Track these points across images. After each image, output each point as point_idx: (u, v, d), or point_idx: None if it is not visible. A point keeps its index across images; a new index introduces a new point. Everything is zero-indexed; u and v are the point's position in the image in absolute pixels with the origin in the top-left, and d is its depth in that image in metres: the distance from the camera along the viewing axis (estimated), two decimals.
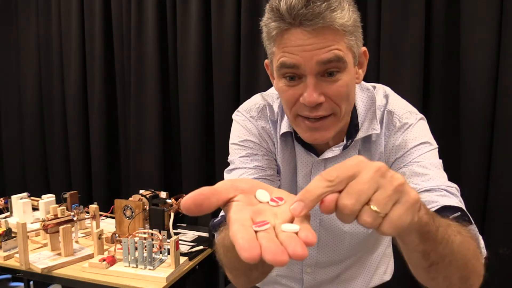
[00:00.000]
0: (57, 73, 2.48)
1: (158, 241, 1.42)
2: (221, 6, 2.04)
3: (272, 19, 0.76)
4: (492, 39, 1.62)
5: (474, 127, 1.68)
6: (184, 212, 0.44)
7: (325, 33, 0.73)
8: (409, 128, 0.86)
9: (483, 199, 1.70)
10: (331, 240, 0.98)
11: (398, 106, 0.89)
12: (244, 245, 0.37)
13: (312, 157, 0.92)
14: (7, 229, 1.58)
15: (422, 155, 0.83)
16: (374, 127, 0.88)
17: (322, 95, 0.76)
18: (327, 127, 0.79)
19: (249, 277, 0.77)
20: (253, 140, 0.92)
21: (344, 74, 0.76)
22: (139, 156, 2.29)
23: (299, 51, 0.74)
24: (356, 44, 0.78)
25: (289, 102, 0.80)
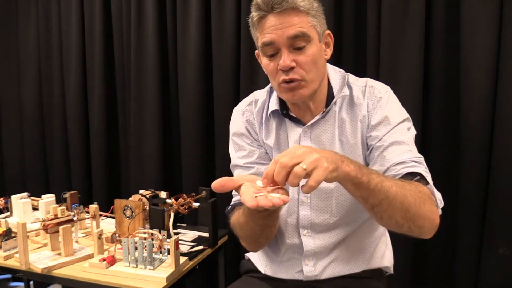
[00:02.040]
0: (57, 73, 2.48)
1: (158, 241, 1.42)
2: (221, 6, 2.04)
3: (254, 10, 1.03)
4: (492, 39, 1.62)
5: (474, 127, 1.67)
6: (213, 190, 0.79)
7: (291, 13, 0.99)
8: (388, 103, 1.09)
9: (483, 199, 1.70)
10: (321, 201, 1.14)
11: (376, 83, 1.14)
12: (249, 201, 0.74)
13: (300, 127, 1.14)
14: (7, 229, 1.58)
15: (401, 133, 1.05)
16: (343, 91, 1.12)
17: (293, 61, 1.01)
18: (301, 87, 1.03)
19: (258, 242, 1.14)
20: (241, 132, 1.21)
21: (310, 46, 1.01)
22: (139, 156, 2.29)
23: (273, 30, 1.00)
24: (319, 25, 1.03)
25: (272, 72, 1.05)
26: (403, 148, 1.02)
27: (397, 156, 1.01)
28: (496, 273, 1.69)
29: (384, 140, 1.05)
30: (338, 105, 1.12)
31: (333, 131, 1.12)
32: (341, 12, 1.86)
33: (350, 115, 1.11)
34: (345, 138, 1.11)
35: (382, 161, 1.03)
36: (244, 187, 0.79)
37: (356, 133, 1.10)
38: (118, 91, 2.38)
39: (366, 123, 1.10)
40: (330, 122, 1.12)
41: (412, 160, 1.00)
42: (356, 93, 1.12)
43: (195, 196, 1.71)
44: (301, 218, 1.15)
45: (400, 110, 1.11)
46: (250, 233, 1.08)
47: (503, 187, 1.65)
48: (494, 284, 1.70)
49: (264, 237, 1.11)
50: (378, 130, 1.07)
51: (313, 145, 1.11)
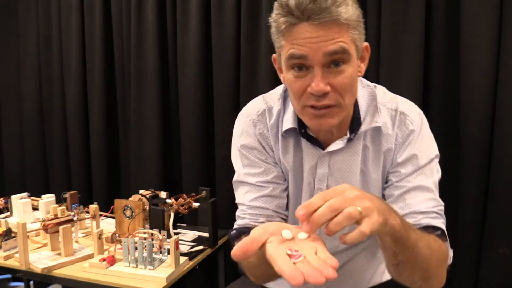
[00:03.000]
0: (57, 73, 2.48)
1: (158, 241, 1.42)
2: (221, 6, 2.04)
3: (282, 14, 0.82)
4: (492, 39, 1.62)
5: (474, 126, 1.67)
6: (235, 259, 0.59)
7: (331, 26, 0.79)
8: (419, 137, 0.95)
9: (483, 199, 1.70)
10: None
11: (408, 108, 0.98)
12: (291, 274, 0.53)
13: (318, 151, 0.98)
14: (7, 229, 1.58)
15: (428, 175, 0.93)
16: (376, 120, 0.95)
17: (328, 85, 0.82)
18: (331, 115, 0.85)
19: (270, 279, 0.98)
20: (253, 145, 1.01)
21: (348, 66, 0.83)
22: (139, 156, 2.29)
23: (307, 43, 0.80)
24: (359, 38, 0.84)
25: (297, 92, 0.85)
26: (427, 196, 0.92)
27: (419, 203, 0.91)
28: (496, 273, 1.69)
29: (408, 181, 0.93)
30: (365, 132, 0.97)
31: (355, 160, 0.97)
32: None
33: (375, 144, 0.97)
34: (366, 169, 0.98)
35: (403, 204, 0.92)
36: (271, 247, 0.59)
37: (378, 165, 0.97)
38: (118, 91, 2.38)
39: (390, 158, 0.97)
40: (353, 151, 0.97)
41: (434, 211, 0.91)
42: (385, 119, 0.96)
43: (195, 196, 1.71)
44: None
45: (430, 146, 0.96)
46: (263, 274, 0.91)
47: (503, 187, 1.65)
48: (494, 284, 1.70)
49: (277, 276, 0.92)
50: (404, 168, 0.94)
51: (331, 172, 0.99)
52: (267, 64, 1.93)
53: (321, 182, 0.99)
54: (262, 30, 1.95)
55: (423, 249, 0.78)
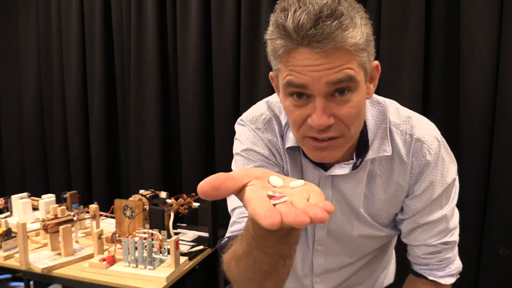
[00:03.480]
0: (57, 73, 2.48)
1: (158, 241, 1.42)
2: (221, 6, 2.04)
3: (278, 36, 0.70)
4: (492, 39, 1.62)
5: (474, 127, 1.67)
6: (200, 196, 0.45)
7: (336, 53, 0.68)
8: (437, 167, 0.86)
9: (483, 199, 1.70)
10: (339, 247, 0.99)
11: (424, 132, 0.86)
12: (265, 213, 0.40)
13: (320, 172, 0.89)
14: (7, 229, 1.58)
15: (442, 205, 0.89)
16: (385, 149, 0.84)
17: (331, 116, 0.72)
18: (335, 147, 0.76)
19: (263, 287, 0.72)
20: (259, 151, 0.88)
21: (355, 94, 0.72)
22: (139, 156, 2.29)
23: (307, 71, 0.69)
24: (368, 60, 0.73)
25: (297, 122, 0.75)
26: (438, 228, 0.91)
27: (429, 238, 0.92)
28: (496, 273, 1.69)
29: (422, 215, 0.90)
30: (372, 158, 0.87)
31: (360, 186, 0.89)
32: None
33: (386, 170, 0.88)
34: (371, 194, 0.90)
35: (414, 237, 0.94)
36: (251, 189, 0.47)
37: (388, 192, 0.89)
38: (118, 91, 2.38)
39: (405, 189, 0.89)
40: (357, 177, 0.88)
41: (442, 243, 0.92)
42: (398, 144, 0.86)
43: (195, 196, 1.71)
44: (315, 267, 1.02)
45: (448, 171, 0.88)
46: (253, 272, 0.67)
47: (503, 187, 1.65)
48: (494, 284, 1.70)
49: (274, 278, 0.68)
50: (419, 202, 0.89)
51: (333, 194, 0.91)
52: (267, 64, 1.93)
53: None
54: (262, 30, 1.95)
55: None
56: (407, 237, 0.94)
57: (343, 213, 0.93)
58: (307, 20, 0.65)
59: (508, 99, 1.62)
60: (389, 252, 1.13)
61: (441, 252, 0.92)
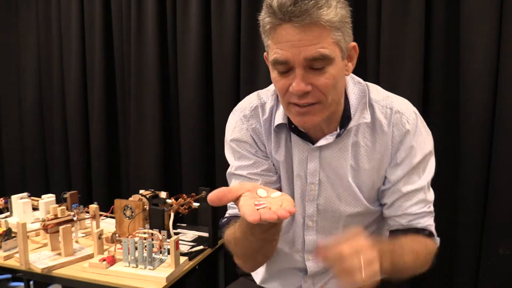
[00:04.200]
0: (57, 73, 2.48)
1: (158, 241, 1.43)
2: (221, 6, 2.04)
3: (267, 15, 0.86)
4: (492, 40, 1.62)
5: (474, 127, 1.67)
6: (210, 203, 0.69)
7: (312, 29, 0.81)
8: (415, 135, 0.98)
9: (483, 199, 1.70)
10: (328, 224, 1.07)
11: (403, 106, 1.00)
12: (250, 214, 0.65)
13: (308, 145, 1.00)
14: (7, 229, 1.58)
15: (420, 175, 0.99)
16: (364, 117, 0.98)
17: (309, 84, 0.85)
18: (314, 112, 0.89)
19: (255, 260, 1.02)
20: (244, 139, 1.05)
21: (331, 67, 0.85)
22: (139, 156, 2.29)
23: (288, 47, 0.83)
24: (343, 39, 0.86)
25: (281, 90, 0.90)
26: (419, 197, 0.99)
27: (412, 206, 0.99)
28: (496, 273, 1.69)
29: (404, 183, 0.99)
30: (355, 127, 0.99)
31: (344, 156, 1.00)
32: None
33: (369, 142, 0.99)
34: (356, 165, 1.01)
35: (397, 206, 1.01)
36: (243, 199, 0.70)
37: (372, 162, 1.00)
38: (118, 91, 2.38)
39: (388, 158, 1.00)
40: (342, 146, 1.00)
41: (424, 212, 1.00)
42: (379, 116, 0.98)
43: (195, 196, 1.71)
44: (306, 243, 1.08)
45: (425, 142, 1.00)
46: (247, 249, 0.95)
47: (503, 187, 1.65)
48: (494, 284, 1.70)
49: (262, 254, 0.99)
50: (400, 169, 0.99)
51: (322, 167, 1.01)
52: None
53: (313, 176, 1.02)
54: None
55: (409, 263, 0.91)
56: (390, 207, 1.02)
57: (333, 186, 1.02)
58: (288, 0, 0.81)
59: (508, 99, 1.62)
60: None
61: (423, 218, 1.00)
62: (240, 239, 0.91)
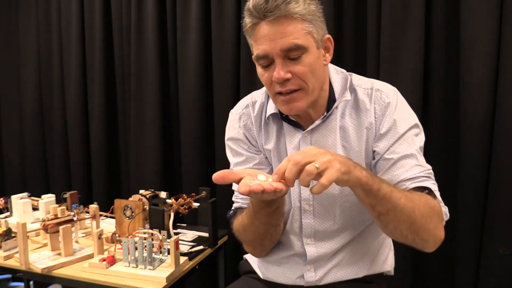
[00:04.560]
0: (57, 73, 2.48)
1: (158, 241, 1.42)
2: (221, 6, 2.04)
3: (246, 17, 0.98)
4: (492, 39, 1.62)
5: (474, 127, 1.67)
6: (214, 181, 0.80)
7: (284, 21, 0.93)
8: (397, 108, 1.04)
9: (483, 199, 1.70)
10: (324, 208, 1.11)
11: (383, 86, 1.09)
12: (241, 186, 0.78)
13: (299, 132, 1.09)
14: (7, 229, 1.58)
15: (410, 143, 1.02)
16: (345, 95, 1.06)
17: (289, 72, 0.95)
18: (298, 99, 0.98)
19: (263, 245, 1.14)
20: (238, 137, 1.17)
21: (306, 56, 0.95)
22: (139, 156, 2.29)
23: (266, 41, 0.95)
24: (316, 31, 0.97)
25: (267, 83, 1.01)
26: (412, 163, 1.00)
27: (405, 172, 0.99)
28: (496, 273, 1.69)
29: (392, 151, 1.01)
30: (341, 110, 1.07)
31: (334, 136, 1.07)
32: (341, 12, 1.86)
33: (355, 121, 1.06)
34: (348, 144, 1.06)
35: (391, 175, 1.01)
36: (243, 180, 0.81)
37: (361, 140, 1.06)
38: (118, 91, 2.38)
39: (373, 131, 1.05)
40: (331, 127, 1.07)
41: (421, 176, 0.99)
42: (361, 97, 1.06)
43: (195, 196, 1.71)
44: (304, 227, 1.12)
45: (408, 116, 1.05)
46: (255, 235, 1.08)
47: (503, 187, 1.65)
48: (494, 284, 1.70)
49: (269, 239, 1.11)
50: (386, 139, 1.03)
51: None
52: None
53: None
54: None
55: (400, 200, 0.88)
56: (386, 176, 1.01)
57: None
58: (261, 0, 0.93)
59: (508, 99, 1.62)
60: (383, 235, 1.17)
61: (423, 182, 0.99)
62: (247, 225, 1.05)
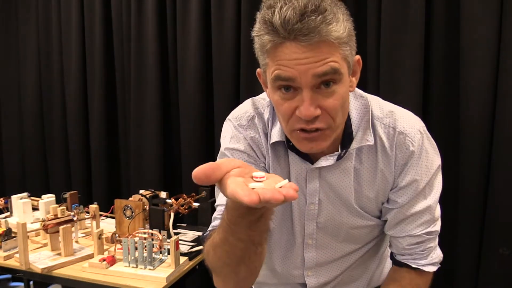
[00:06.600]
0: (57, 73, 2.48)
1: (158, 241, 1.42)
2: (221, 5, 2.04)
3: (265, 32, 0.75)
4: (492, 40, 1.62)
5: (474, 127, 1.67)
6: (195, 181, 0.55)
7: (321, 46, 0.72)
8: (421, 158, 0.90)
9: (483, 199, 1.70)
10: (329, 240, 1.01)
11: (407, 125, 0.90)
12: (245, 193, 0.49)
13: (307, 165, 0.92)
14: (7, 229, 1.58)
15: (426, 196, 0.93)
16: (367, 138, 0.89)
17: (318, 108, 0.76)
18: (323, 138, 0.80)
19: (237, 274, 0.82)
20: (239, 148, 0.94)
21: (339, 86, 0.77)
22: (139, 156, 2.29)
23: (294, 64, 0.73)
24: (350, 54, 0.78)
25: (286, 115, 0.79)
26: (424, 219, 0.94)
27: (414, 228, 0.94)
28: (496, 273, 1.69)
29: (410, 206, 0.93)
30: (357, 149, 0.91)
31: (348, 179, 0.92)
32: None
33: (370, 162, 0.92)
34: (359, 187, 0.94)
35: (400, 228, 0.96)
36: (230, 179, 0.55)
37: (374, 184, 0.93)
38: (118, 92, 2.38)
39: (391, 180, 0.93)
40: (344, 168, 0.91)
41: (428, 232, 0.95)
42: (381, 137, 0.90)
43: (195, 196, 1.71)
44: (306, 260, 1.04)
45: (432, 161, 0.92)
46: (228, 256, 0.76)
47: (503, 187, 1.65)
48: (494, 284, 1.70)
49: (245, 267, 0.79)
50: (406, 194, 0.93)
51: (321, 187, 0.94)
52: None
53: (312, 196, 0.96)
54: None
55: None
56: (393, 229, 0.97)
57: (334, 205, 0.96)
58: (293, 16, 0.70)
59: (508, 99, 1.62)
60: (383, 250, 1.13)
61: (425, 242, 0.95)
62: (220, 244, 0.75)
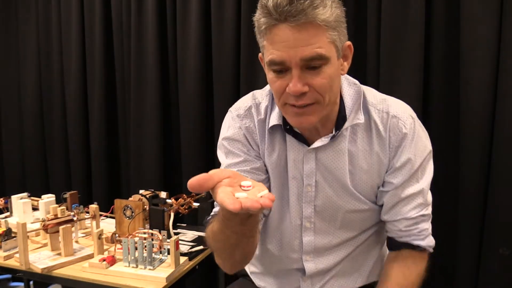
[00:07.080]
0: (57, 73, 2.48)
1: (158, 241, 1.43)
2: (221, 5, 2.04)
3: (262, 15, 0.85)
4: (492, 39, 1.62)
5: (474, 127, 1.67)
6: (190, 189, 0.64)
7: (308, 28, 0.81)
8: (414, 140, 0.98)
9: (483, 199, 1.70)
10: (326, 223, 1.06)
11: (400, 110, 0.99)
12: (230, 202, 0.60)
13: (303, 147, 0.99)
14: (7, 229, 1.58)
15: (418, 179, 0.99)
16: (358, 117, 0.96)
17: (306, 85, 0.85)
18: (311, 112, 0.88)
19: (233, 257, 0.96)
20: (237, 138, 1.03)
21: (327, 67, 0.85)
22: (139, 156, 2.29)
23: (284, 47, 0.82)
24: (339, 39, 0.86)
25: (278, 92, 0.89)
26: (417, 201, 1.00)
27: (409, 211, 1.00)
28: (496, 273, 1.69)
29: (404, 187, 0.99)
30: (351, 131, 0.98)
31: (342, 160, 0.99)
32: None
33: (367, 145, 0.99)
34: (354, 169, 1.00)
35: (395, 211, 1.01)
36: (222, 187, 0.66)
37: (370, 167, 1.00)
38: (118, 92, 2.38)
39: (386, 162, 0.99)
40: (339, 149, 0.98)
41: (421, 215, 1.01)
42: (375, 121, 0.98)
43: (195, 196, 1.71)
44: (304, 244, 1.07)
45: (424, 146, 1.00)
46: (224, 244, 0.91)
47: (503, 187, 1.65)
48: (494, 284, 1.70)
49: (240, 252, 0.94)
50: (401, 175, 0.99)
51: (318, 168, 1.00)
52: None
53: (309, 178, 1.01)
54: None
55: None
56: (389, 212, 1.02)
57: (330, 186, 1.01)
58: (284, 0, 0.80)
59: (508, 99, 1.62)
60: (380, 245, 1.16)
61: (420, 223, 1.01)
62: (217, 232, 0.88)
